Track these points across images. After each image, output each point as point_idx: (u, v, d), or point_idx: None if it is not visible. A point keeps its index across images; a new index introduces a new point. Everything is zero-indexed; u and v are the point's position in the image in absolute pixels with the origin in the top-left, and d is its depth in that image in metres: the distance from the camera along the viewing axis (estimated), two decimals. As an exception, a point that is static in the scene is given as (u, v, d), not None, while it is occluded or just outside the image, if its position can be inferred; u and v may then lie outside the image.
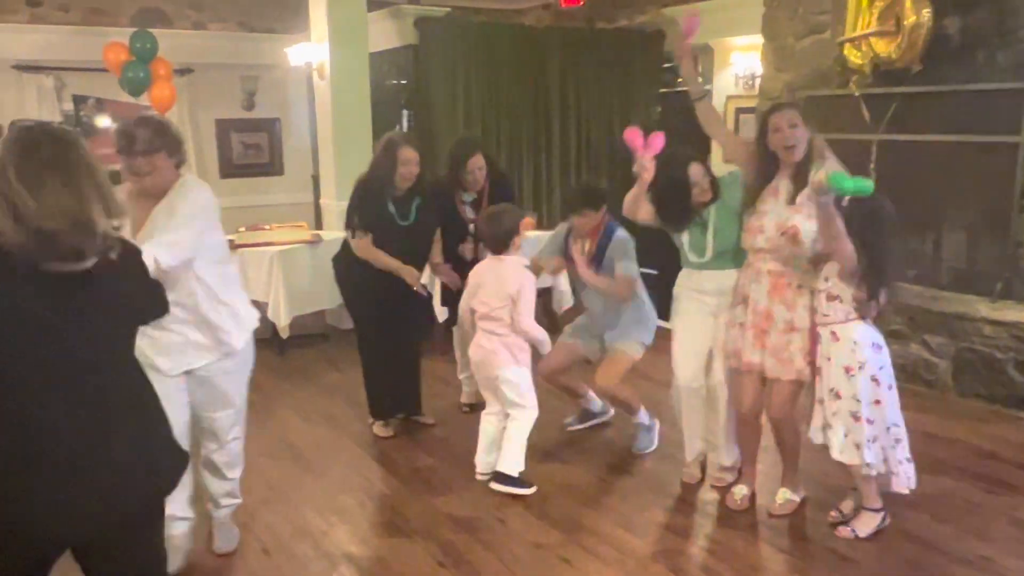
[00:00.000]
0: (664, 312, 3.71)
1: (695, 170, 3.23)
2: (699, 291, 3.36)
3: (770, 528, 3.18)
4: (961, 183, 4.79)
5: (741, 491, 3.35)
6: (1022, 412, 4.24)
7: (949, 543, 3.01)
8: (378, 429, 4.13)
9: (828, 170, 2.80)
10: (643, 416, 3.93)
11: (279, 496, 3.49)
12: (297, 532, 3.18)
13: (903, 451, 2.99)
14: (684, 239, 3.35)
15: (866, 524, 3.05)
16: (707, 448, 3.59)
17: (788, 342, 3.07)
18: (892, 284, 3.00)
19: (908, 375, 4.65)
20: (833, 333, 2.93)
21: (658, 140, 3.20)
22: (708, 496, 3.45)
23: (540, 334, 3.53)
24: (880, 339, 2.96)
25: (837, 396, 2.93)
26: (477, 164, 4.11)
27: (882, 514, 3.07)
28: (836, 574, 2.86)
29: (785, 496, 3.27)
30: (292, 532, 3.17)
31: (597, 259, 3.72)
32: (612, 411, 4.22)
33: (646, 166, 3.19)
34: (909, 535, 3.07)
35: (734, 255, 3.25)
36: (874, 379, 2.91)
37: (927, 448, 3.69)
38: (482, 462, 3.61)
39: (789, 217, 2.99)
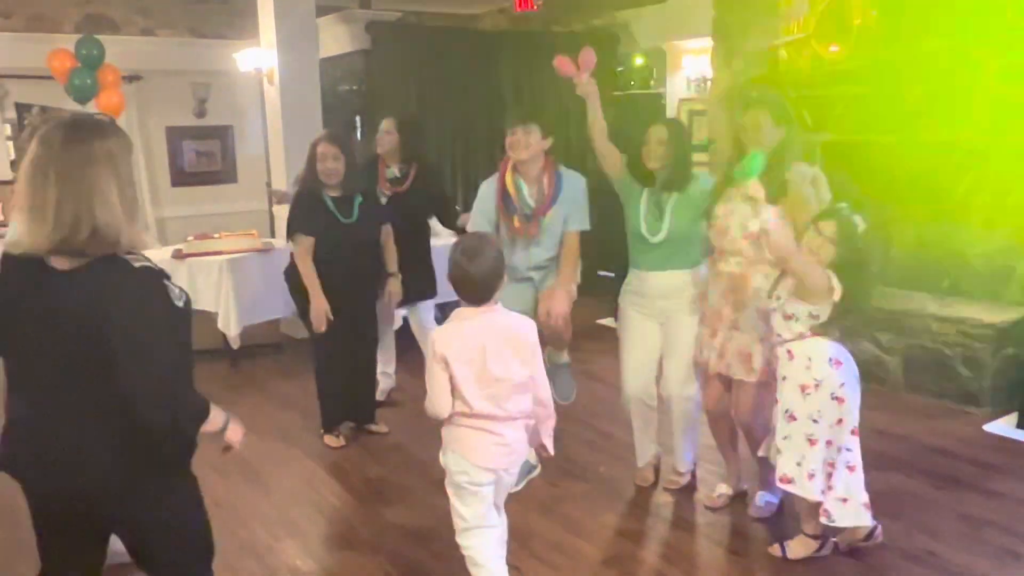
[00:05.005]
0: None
1: (655, 130, 3.14)
2: (642, 295, 3.29)
3: (724, 531, 3.17)
4: (908, 181, 4.87)
5: (720, 488, 3.36)
6: (970, 407, 4.30)
7: (897, 539, 3.02)
8: (329, 440, 4.06)
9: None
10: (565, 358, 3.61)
11: (226, 511, 3.39)
12: (242, 548, 3.11)
13: (858, 485, 2.77)
14: (642, 211, 3.19)
15: (798, 549, 2.90)
16: (662, 451, 3.58)
17: (729, 339, 3.06)
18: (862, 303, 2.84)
19: (859, 372, 4.68)
20: (789, 352, 2.78)
21: (589, 55, 3.20)
22: (662, 499, 3.44)
23: None
24: (842, 354, 2.78)
25: (792, 418, 2.76)
26: (385, 127, 4.27)
27: (820, 542, 2.89)
28: (784, 573, 2.86)
29: (764, 499, 3.25)
30: (237, 548, 3.09)
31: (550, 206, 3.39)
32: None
33: (588, 90, 3.21)
34: (858, 533, 3.08)
35: (685, 254, 3.19)
36: (835, 397, 2.72)
37: (877, 445, 3.72)
38: None
39: (752, 219, 2.89)
